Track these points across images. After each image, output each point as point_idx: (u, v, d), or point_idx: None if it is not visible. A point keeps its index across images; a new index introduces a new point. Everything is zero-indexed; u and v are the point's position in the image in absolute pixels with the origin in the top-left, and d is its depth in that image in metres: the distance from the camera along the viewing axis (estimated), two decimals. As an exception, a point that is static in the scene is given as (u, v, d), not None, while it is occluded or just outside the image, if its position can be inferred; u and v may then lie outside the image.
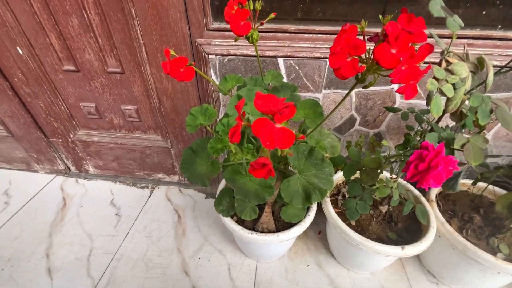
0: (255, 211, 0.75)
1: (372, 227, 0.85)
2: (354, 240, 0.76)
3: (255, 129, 0.26)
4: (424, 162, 0.38)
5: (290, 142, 0.27)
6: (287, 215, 0.73)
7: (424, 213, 0.65)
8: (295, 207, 0.73)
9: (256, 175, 0.31)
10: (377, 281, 0.95)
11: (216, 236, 1.09)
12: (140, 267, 0.98)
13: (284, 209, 0.73)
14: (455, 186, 0.54)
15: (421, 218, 0.65)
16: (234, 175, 0.47)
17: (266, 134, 0.26)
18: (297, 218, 0.75)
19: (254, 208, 0.75)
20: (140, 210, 1.20)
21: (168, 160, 1.23)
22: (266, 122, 0.26)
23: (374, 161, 0.56)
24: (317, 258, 1.02)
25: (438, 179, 0.37)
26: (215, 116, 0.50)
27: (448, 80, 0.37)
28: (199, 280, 0.94)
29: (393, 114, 0.90)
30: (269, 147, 0.27)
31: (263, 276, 0.96)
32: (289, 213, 0.73)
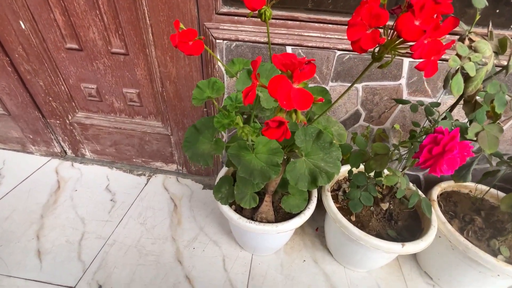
0: (255, 199, 0.73)
1: (372, 224, 0.83)
2: (354, 235, 0.74)
3: (272, 87, 0.25)
4: (438, 146, 0.36)
5: (308, 103, 0.25)
6: (287, 204, 0.72)
7: (429, 207, 0.64)
8: (297, 197, 0.72)
9: (270, 136, 0.29)
10: (374, 280, 0.93)
11: (212, 227, 1.07)
12: (133, 253, 0.96)
13: (285, 198, 0.72)
14: (467, 176, 0.53)
15: (426, 211, 0.63)
16: (240, 151, 0.45)
17: (284, 93, 0.24)
18: (298, 208, 0.73)
19: (254, 197, 0.73)
20: (136, 197, 1.18)
21: (167, 148, 1.21)
22: (284, 81, 0.25)
23: (384, 147, 0.54)
24: (313, 254, 1.00)
25: (452, 164, 0.36)
26: (223, 89, 0.48)
27: (471, 57, 0.36)
28: (192, 269, 0.92)
29: (399, 111, 0.89)
30: (286, 107, 0.25)
31: (258, 268, 0.94)
32: (290, 203, 0.72)
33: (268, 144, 0.44)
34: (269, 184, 0.69)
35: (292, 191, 0.72)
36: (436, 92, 0.83)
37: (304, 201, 0.73)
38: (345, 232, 0.77)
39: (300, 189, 0.73)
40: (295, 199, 0.72)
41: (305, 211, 0.78)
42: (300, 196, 0.72)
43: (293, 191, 0.72)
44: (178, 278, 0.89)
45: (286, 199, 0.71)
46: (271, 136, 0.29)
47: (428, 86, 0.82)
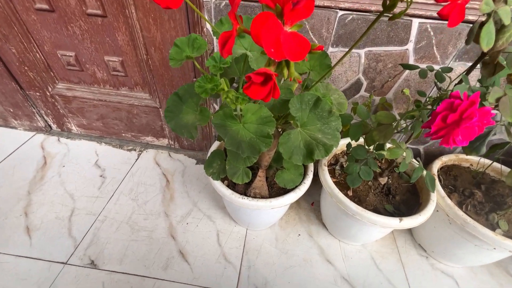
0: (248, 174, 0.69)
1: (369, 199, 0.81)
2: (351, 210, 0.72)
3: (256, 29, 0.18)
4: (455, 113, 0.31)
5: (304, 51, 0.19)
6: (282, 179, 0.68)
7: (433, 181, 0.60)
8: (292, 171, 0.68)
9: (253, 94, 0.23)
10: (368, 253, 0.94)
11: (205, 202, 1.05)
12: (125, 229, 0.94)
13: (279, 173, 0.68)
14: (481, 147, 0.48)
15: (429, 186, 0.60)
16: (226, 120, 0.39)
17: (271, 36, 0.18)
18: (293, 184, 0.69)
19: (247, 172, 0.69)
20: (127, 173, 1.14)
21: (157, 121, 1.15)
22: (272, 20, 0.18)
23: (389, 116, 0.49)
24: (308, 228, 1.00)
25: (469, 133, 0.31)
26: (205, 47, 0.41)
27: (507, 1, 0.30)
28: (186, 244, 0.91)
29: (403, 80, 0.83)
30: (275, 57, 0.19)
31: (253, 243, 0.93)
32: (284, 178, 0.68)
33: (258, 113, 0.39)
34: (262, 159, 0.64)
35: (287, 166, 0.68)
36: (446, 58, 0.76)
37: (299, 176, 0.70)
38: (342, 207, 0.74)
39: (295, 164, 0.69)
40: (290, 174, 0.68)
41: (301, 186, 0.74)
42: (296, 170, 0.68)
43: (288, 166, 0.68)
44: (172, 253, 0.88)
45: (280, 174, 0.68)
46: (254, 95, 0.24)
47: (438, 51, 0.75)
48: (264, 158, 0.63)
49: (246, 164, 0.58)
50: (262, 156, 0.61)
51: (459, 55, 0.75)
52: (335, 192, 0.75)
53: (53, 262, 0.84)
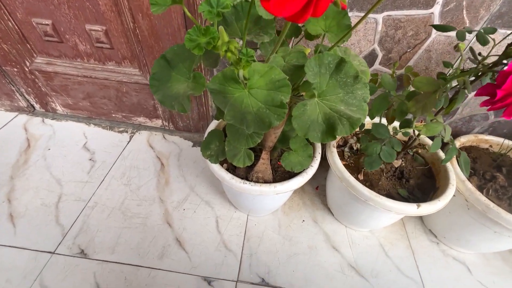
0: (250, 157, 0.61)
1: (381, 183, 0.74)
2: (363, 195, 0.65)
3: None
4: (533, 72, 0.24)
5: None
6: (288, 162, 0.60)
7: (467, 163, 0.53)
8: (300, 153, 0.60)
9: (278, 7, 0.14)
10: (376, 239, 0.89)
11: (203, 187, 0.98)
12: (117, 216, 0.87)
13: (286, 155, 0.60)
14: None
15: (463, 169, 0.53)
16: (226, 84, 0.31)
17: None
18: (301, 167, 0.62)
19: (248, 154, 0.61)
20: (118, 156, 1.06)
21: (149, 100, 1.05)
22: None
23: (431, 82, 0.40)
24: (313, 213, 0.94)
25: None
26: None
27: None
28: (183, 232, 0.85)
29: (424, 51, 0.74)
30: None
31: (254, 230, 0.87)
32: (291, 161, 0.61)
33: (268, 74, 0.30)
34: (267, 138, 0.57)
35: (295, 147, 0.60)
36: (476, 23, 0.66)
37: (308, 158, 0.62)
38: (353, 192, 0.68)
39: (304, 145, 0.61)
40: (297, 156, 0.61)
41: (308, 169, 0.67)
42: (304, 152, 0.61)
43: (295, 147, 0.60)
44: (168, 241, 0.83)
45: (287, 156, 0.60)
46: (280, 7, 0.14)
47: (468, 15, 0.65)
48: (269, 137, 0.55)
49: (248, 144, 0.51)
50: (267, 135, 0.53)
51: (492, 19, 0.65)
52: (345, 176, 0.68)
53: (39, 251, 0.78)
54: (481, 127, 0.91)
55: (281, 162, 0.61)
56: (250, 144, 0.50)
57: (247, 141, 0.50)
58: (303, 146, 0.61)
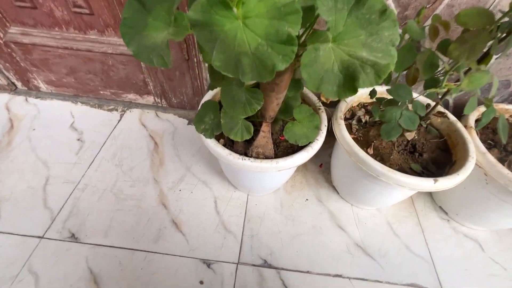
0: (249, 129, 0.54)
1: (393, 157, 0.68)
2: (376, 170, 0.59)
3: None
4: None
5: None
6: (292, 134, 0.54)
7: (505, 128, 0.46)
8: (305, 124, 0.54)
9: None
10: (384, 217, 0.84)
11: (200, 166, 0.92)
12: (109, 198, 0.82)
13: (290, 126, 0.53)
14: None
15: (501, 134, 0.46)
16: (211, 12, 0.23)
17: None
18: (306, 140, 0.56)
19: (247, 126, 0.54)
20: (108, 136, 0.99)
21: (138, 74, 0.97)
22: None
23: (483, 14, 0.32)
24: (317, 192, 0.89)
25: None
26: None
27: None
28: (179, 213, 0.80)
29: (445, 7, 0.64)
30: None
31: (255, 210, 0.83)
32: (295, 133, 0.54)
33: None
34: (268, 106, 0.49)
35: (299, 117, 0.53)
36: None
37: (314, 130, 0.55)
38: (363, 168, 0.62)
39: (309, 114, 0.54)
40: (302, 128, 0.54)
41: (313, 143, 0.61)
42: (310, 123, 0.54)
43: (300, 117, 0.53)
44: (164, 223, 0.78)
45: (290, 127, 0.53)
46: None
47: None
48: (271, 105, 0.48)
49: (246, 113, 0.44)
50: (268, 101, 0.46)
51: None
52: (355, 150, 0.62)
53: (27, 236, 0.73)
54: (500, 96, 0.84)
55: (284, 134, 0.54)
56: (248, 112, 0.43)
57: (244, 109, 0.43)
58: (308, 116, 0.54)
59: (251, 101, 0.43)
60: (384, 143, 0.69)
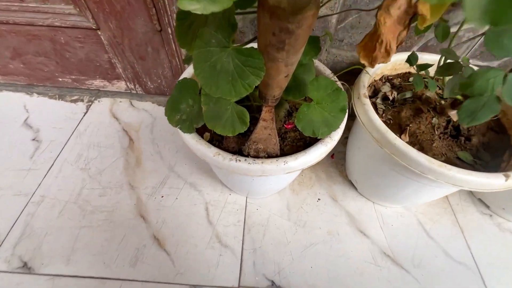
0: (243, 117, 0.37)
1: (436, 145, 0.51)
2: (420, 165, 0.43)
3: None
4: None
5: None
6: (308, 123, 0.37)
7: None
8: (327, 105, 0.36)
9: None
10: (413, 216, 0.69)
11: (186, 165, 0.75)
12: (72, 212, 0.65)
13: (304, 110, 0.36)
14: None
15: None
16: None
17: None
18: (327, 129, 0.38)
19: (240, 113, 0.37)
20: (72, 133, 0.81)
21: (100, 53, 0.77)
22: None
23: None
24: (330, 189, 0.73)
25: None
26: None
27: None
28: (162, 226, 0.64)
29: None
30: None
31: (256, 216, 0.67)
32: (312, 120, 0.37)
33: None
34: (272, 80, 0.31)
35: (318, 95, 0.36)
36: None
37: (340, 114, 0.38)
38: (401, 162, 0.45)
39: (332, 91, 0.37)
40: (322, 111, 0.36)
41: (333, 134, 0.44)
42: (334, 103, 0.36)
43: (319, 95, 0.36)
44: (143, 240, 0.62)
45: (305, 111, 0.36)
46: None
47: None
48: (277, 77, 0.29)
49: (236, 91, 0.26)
50: (273, 71, 0.28)
51: None
52: (389, 138, 0.45)
53: (-34, 269, 0.57)
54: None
55: (296, 123, 0.36)
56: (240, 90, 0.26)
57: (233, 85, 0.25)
58: (331, 93, 0.36)
59: (244, 71, 0.25)
60: (423, 126, 0.53)
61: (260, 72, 0.26)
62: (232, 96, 0.27)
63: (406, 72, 0.65)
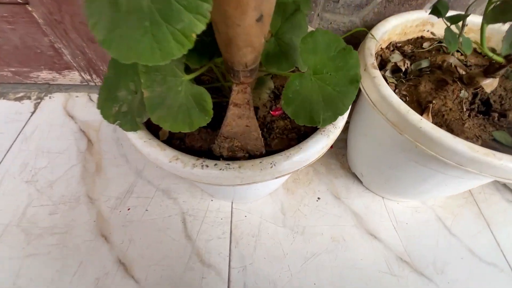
0: (203, 104, 0.24)
1: (468, 126, 0.40)
2: (459, 155, 0.31)
3: None
4: None
5: None
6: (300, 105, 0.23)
7: None
8: (329, 73, 0.23)
9: None
10: (431, 211, 0.58)
11: (157, 168, 0.62)
12: (14, 237, 0.52)
13: (294, 86, 0.23)
14: None
15: None
16: None
17: None
18: (332, 113, 0.26)
19: (198, 97, 0.24)
20: (15, 138, 0.66)
21: (39, 36, 0.62)
22: None
23: None
24: (331, 185, 0.61)
25: None
26: None
27: None
28: (129, 247, 0.52)
29: None
30: None
31: (245, 225, 0.55)
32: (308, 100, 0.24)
33: None
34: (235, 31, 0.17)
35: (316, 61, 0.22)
36: None
37: (350, 86, 0.25)
38: (428, 151, 0.33)
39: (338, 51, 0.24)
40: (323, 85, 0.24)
41: (337, 121, 0.31)
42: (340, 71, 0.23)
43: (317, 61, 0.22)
44: (105, 267, 0.50)
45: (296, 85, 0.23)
46: None
47: None
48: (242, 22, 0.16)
49: (166, 49, 0.13)
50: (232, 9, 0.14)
51: None
52: (412, 121, 0.34)
53: None
54: None
55: (283, 105, 0.24)
56: (169, 44, 0.13)
57: (154, 35, 0.12)
58: (334, 56, 0.23)
59: (172, 4, 0.12)
60: (450, 102, 0.41)
61: (203, 4, 0.13)
62: (156, 58, 0.14)
63: (418, 37, 0.53)
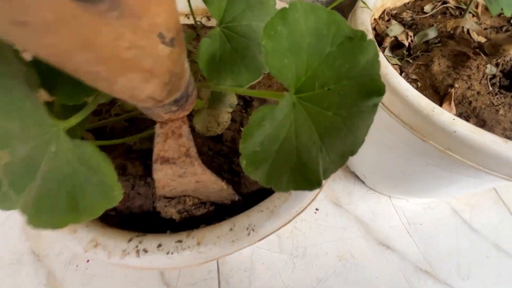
0: (101, 177, 0.13)
1: (501, 113, 0.30)
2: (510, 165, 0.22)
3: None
4: None
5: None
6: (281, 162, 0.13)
7: None
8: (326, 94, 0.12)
9: None
10: (446, 205, 0.51)
11: (117, 203, 0.51)
12: None
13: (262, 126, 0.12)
14: None
15: None
16: None
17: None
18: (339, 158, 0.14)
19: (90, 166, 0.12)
20: None
21: None
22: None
23: None
24: (329, 190, 0.52)
25: None
26: None
27: None
28: (92, 312, 0.41)
29: None
30: None
31: (234, 259, 0.45)
32: (297, 147, 0.13)
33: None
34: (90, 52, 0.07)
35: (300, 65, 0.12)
36: None
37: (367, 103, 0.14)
38: (465, 161, 0.24)
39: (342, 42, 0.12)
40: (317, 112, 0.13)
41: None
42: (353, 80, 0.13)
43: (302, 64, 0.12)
44: None
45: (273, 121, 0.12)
46: None
47: None
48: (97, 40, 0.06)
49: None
50: None
51: None
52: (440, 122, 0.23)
53: None
54: None
55: (244, 167, 0.13)
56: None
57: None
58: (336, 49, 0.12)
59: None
60: (476, 83, 0.31)
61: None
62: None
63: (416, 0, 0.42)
